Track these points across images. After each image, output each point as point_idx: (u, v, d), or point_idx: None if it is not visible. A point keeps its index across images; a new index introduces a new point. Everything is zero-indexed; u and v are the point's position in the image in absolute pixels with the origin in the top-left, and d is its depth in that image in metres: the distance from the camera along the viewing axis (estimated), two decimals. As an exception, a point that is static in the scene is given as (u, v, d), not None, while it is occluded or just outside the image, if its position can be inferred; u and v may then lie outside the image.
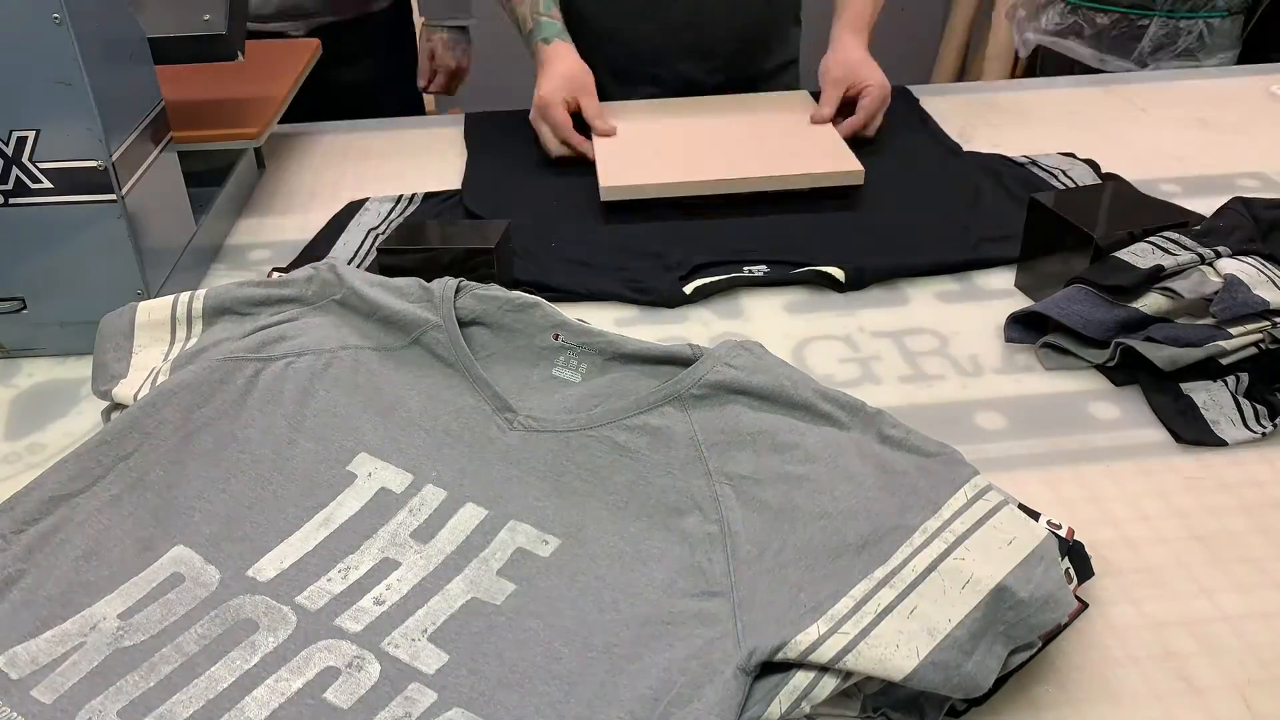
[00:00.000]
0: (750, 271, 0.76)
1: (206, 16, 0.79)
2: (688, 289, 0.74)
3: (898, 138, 0.98)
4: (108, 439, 0.52)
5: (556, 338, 0.56)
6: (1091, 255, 0.68)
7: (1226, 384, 0.62)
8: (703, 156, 0.90)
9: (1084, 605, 0.48)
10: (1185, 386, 0.62)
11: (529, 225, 0.82)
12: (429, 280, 0.59)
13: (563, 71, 0.96)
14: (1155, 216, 0.71)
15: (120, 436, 0.52)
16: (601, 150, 0.91)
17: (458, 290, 0.58)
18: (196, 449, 0.52)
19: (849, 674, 0.41)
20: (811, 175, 0.87)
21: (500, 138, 1.00)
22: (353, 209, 0.88)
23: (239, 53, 0.80)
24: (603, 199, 0.85)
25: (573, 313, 0.58)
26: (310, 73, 1.00)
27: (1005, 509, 0.46)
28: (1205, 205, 0.86)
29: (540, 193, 0.90)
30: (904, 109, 1.03)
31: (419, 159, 0.98)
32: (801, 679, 0.41)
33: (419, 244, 0.72)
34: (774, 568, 0.45)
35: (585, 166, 0.92)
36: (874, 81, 0.96)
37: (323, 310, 0.59)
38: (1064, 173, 0.90)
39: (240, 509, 0.50)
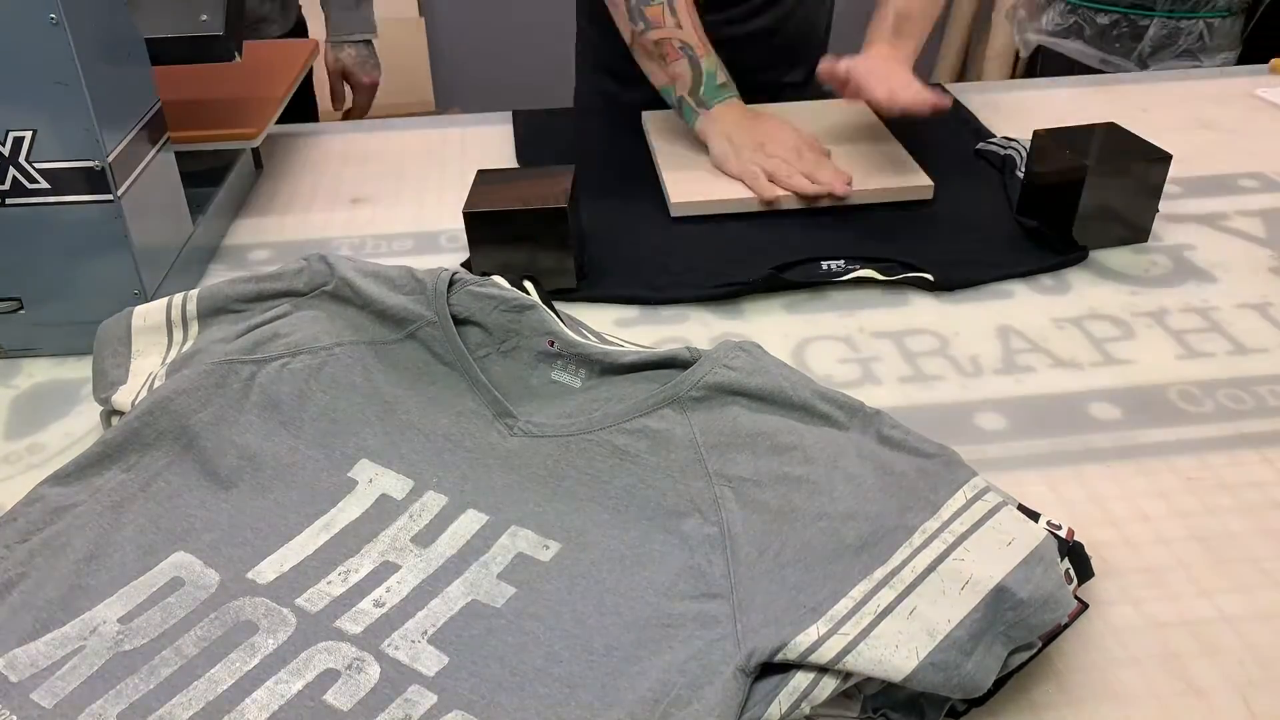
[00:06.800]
0: (830, 267, 0.76)
1: (204, 17, 0.79)
2: (777, 267, 0.74)
3: (955, 139, 0.98)
4: (108, 451, 0.52)
5: (551, 344, 0.56)
6: (1083, 182, 0.76)
7: None
8: None
9: (1084, 606, 0.48)
10: None
11: (596, 234, 0.81)
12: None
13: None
14: (1140, 153, 0.79)
15: (120, 449, 0.52)
16: (666, 164, 0.90)
17: (451, 284, 0.57)
18: (196, 457, 0.52)
19: (849, 675, 0.41)
20: (883, 190, 0.86)
21: (552, 137, 1.00)
22: None
23: (236, 53, 0.80)
24: (673, 215, 0.85)
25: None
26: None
27: (1004, 510, 0.46)
28: (1205, 205, 0.86)
29: (604, 193, 0.88)
30: (953, 114, 1.03)
31: (419, 159, 0.98)
32: (801, 680, 0.41)
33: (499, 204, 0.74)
34: (773, 569, 0.45)
35: (643, 170, 0.92)
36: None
37: (315, 304, 0.59)
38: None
39: (241, 516, 0.50)
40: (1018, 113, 1.04)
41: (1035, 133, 0.81)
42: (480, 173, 0.78)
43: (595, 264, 0.77)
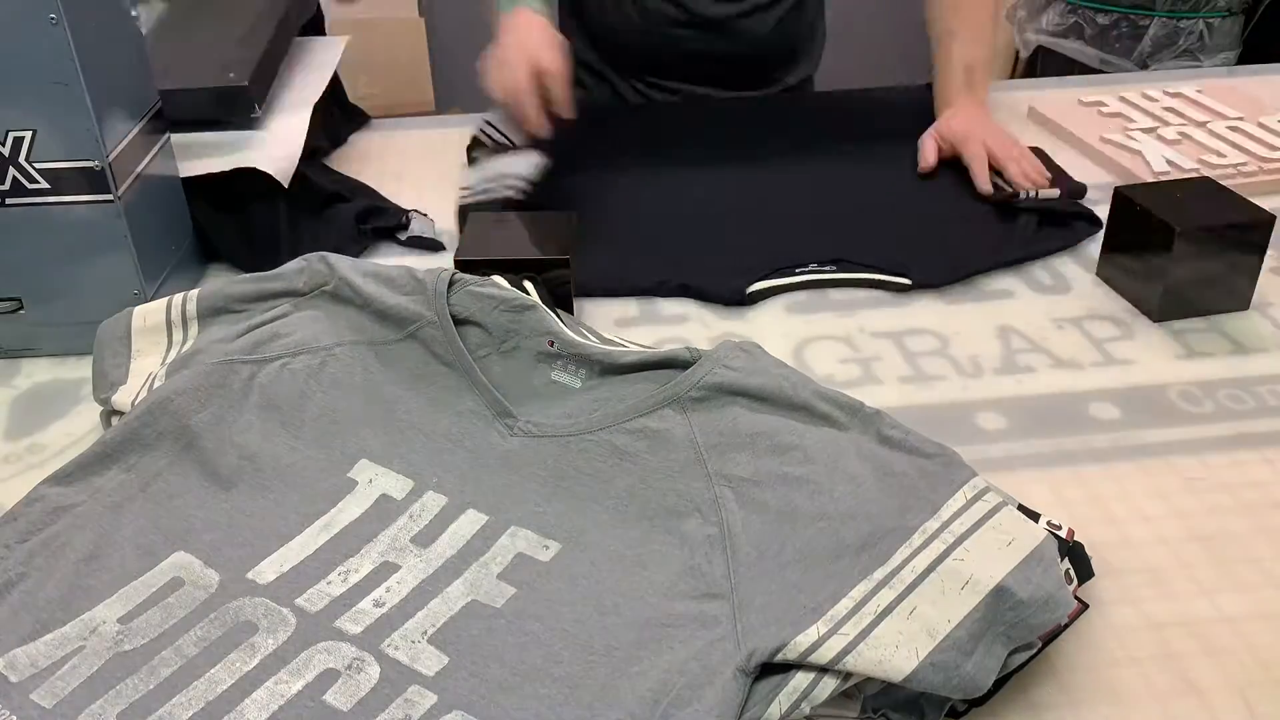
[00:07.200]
0: (814, 266, 0.76)
1: (231, 75, 0.79)
2: (750, 289, 0.74)
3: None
4: (108, 451, 0.52)
5: (551, 344, 0.56)
6: (1172, 248, 0.68)
7: None
8: None
9: (1084, 606, 0.48)
10: None
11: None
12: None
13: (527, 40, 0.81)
14: (1237, 213, 0.71)
15: (120, 449, 0.52)
16: None
17: (451, 284, 0.57)
18: (196, 457, 0.52)
19: (849, 675, 0.41)
20: None
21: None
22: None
23: (257, 105, 0.81)
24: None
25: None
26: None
27: (1004, 510, 0.46)
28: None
29: (589, 191, 0.88)
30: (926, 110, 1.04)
31: (420, 160, 0.98)
32: (801, 680, 0.41)
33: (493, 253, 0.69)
34: (774, 569, 0.45)
35: (626, 170, 0.91)
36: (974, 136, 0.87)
37: (315, 304, 0.59)
38: None
39: (241, 516, 0.50)
40: (1017, 113, 1.04)
41: (1118, 190, 0.74)
42: (471, 215, 0.74)
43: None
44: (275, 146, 0.80)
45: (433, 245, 0.80)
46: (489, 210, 0.78)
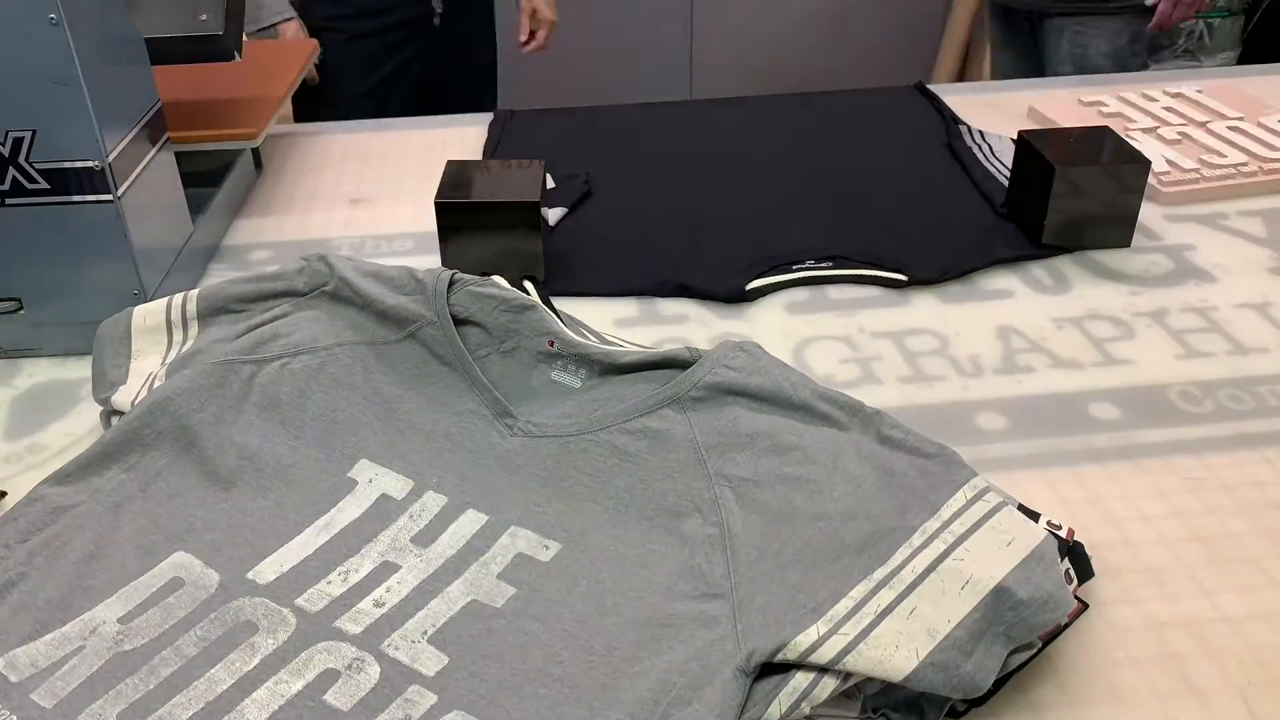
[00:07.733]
0: (810, 263, 0.77)
1: (203, 17, 0.79)
2: (749, 286, 0.75)
3: (930, 134, 0.98)
4: (108, 451, 0.52)
5: (551, 344, 0.56)
6: (1052, 185, 0.76)
7: None
8: None
9: (1084, 606, 0.48)
10: None
11: (568, 230, 0.82)
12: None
13: None
14: (1114, 156, 0.79)
15: (120, 449, 0.52)
16: None
17: (451, 284, 0.57)
18: (196, 457, 0.52)
19: (849, 675, 0.41)
20: None
21: (532, 137, 1.00)
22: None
23: (236, 53, 0.80)
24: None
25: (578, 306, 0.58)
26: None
27: (1004, 510, 0.46)
28: (1206, 206, 0.86)
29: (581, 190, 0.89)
30: (925, 107, 1.04)
31: (419, 160, 0.98)
32: (801, 680, 0.41)
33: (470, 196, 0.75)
34: (774, 569, 0.45)
35: (623, 171, 0.92)
36: None
37: (315, 304, 0.59)
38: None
39: (241, 516, 0.50)
40: (1017, 112, 1.04)
41: (1020, 133, 0.81)
42: (448, 163, 0.78)
43: (564, 259, 0.78)
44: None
45: None
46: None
